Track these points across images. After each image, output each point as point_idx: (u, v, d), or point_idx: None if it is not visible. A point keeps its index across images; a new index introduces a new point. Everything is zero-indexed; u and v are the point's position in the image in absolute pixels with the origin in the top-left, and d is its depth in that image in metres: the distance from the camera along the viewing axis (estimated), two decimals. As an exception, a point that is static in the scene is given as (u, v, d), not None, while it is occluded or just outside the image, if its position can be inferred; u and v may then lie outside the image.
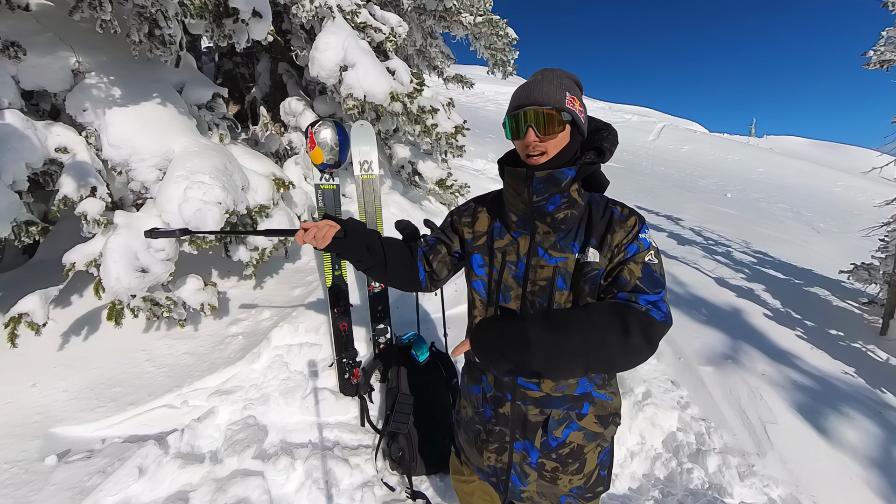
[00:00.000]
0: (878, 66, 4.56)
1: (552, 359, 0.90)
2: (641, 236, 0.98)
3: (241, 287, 3.13)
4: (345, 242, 1.09)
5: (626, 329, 0.89)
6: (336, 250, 1.10)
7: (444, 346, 2.47)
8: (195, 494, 1.84)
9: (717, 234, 7.18)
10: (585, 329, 0.90)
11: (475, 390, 1.16)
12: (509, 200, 1.05)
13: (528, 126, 0.95)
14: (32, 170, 2.26)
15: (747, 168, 18.72)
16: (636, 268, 0.96)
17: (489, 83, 12.84)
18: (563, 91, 0.95)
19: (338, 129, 2.32)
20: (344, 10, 3.49)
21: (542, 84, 0.96)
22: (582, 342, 0.89)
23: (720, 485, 2.15)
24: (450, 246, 1.19)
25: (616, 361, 0.93)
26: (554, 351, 0.89)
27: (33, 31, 2.51)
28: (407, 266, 1.19)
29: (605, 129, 1.04)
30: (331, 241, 1.08)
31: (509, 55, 5.84)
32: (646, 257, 0.97)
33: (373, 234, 1.15)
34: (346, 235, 1.09)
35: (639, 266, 0.96)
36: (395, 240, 1.23)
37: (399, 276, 1.19)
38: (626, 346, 0.90)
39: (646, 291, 0.94)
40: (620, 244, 0.98)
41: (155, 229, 1.20)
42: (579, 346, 0.89)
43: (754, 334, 3.62)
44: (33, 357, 2.43)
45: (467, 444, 1.21)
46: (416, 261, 1.20)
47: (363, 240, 1.12)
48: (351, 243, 1.10)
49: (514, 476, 1.10)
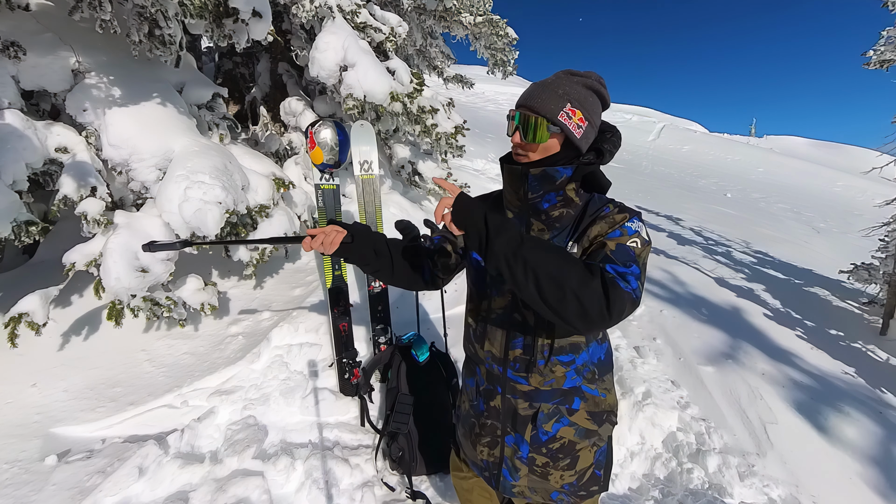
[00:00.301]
0: (878, 66, 4.56)
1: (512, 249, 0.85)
2: (627, 224, 0.95)
3: (241, 287, 3.13)
4: (352, 247, 1.09)
5: (589, 272, 0.85)
6: (344, 255, 1.10)
7: (444, 346, 2.47)
8: (195, 494, 1.84)
9: (717, 234, 7.18)
10: (554, 249, 0.89)
11: (470, 383, 1.20)
12: (507, 197, 1.08)
13: (517, 128, 0.98)
14: (32, 170, 2.26)
15: (747, 168, 18.72)
16: (611, 243, 0.92)
17: (489, 83, 12.84)
18: (562, 102, 0.94)
19: (338, 129, 2.32)
20: (344, 10, 3.49)
21: (545, 90, 0.96)
22: (544, 256, 0.86)
23: (720, 485, 2.15)
24: (454, 244, 1.21)
25: (568, 297, 0.83)
26: (515, 244, 0.86)
27: (33, 31, 2.51)
28: (413, 266, 1.20)
29: (608, 130, 1.04)
30: (338, 247, 1.08)
31: (509, 55, 5.84)
32: (627, 241, 0.92)
33: (379, 237, 1.16)
34: (353, 240, 1.09)
35: (614, 243, 0.92)
36: (400, 241, 1.24)
37: (405, 276, 1.19)
38: (582, 286, 0.83)
39: (615, 262, 0.89)
40: (601, 233, 0.96)
41: (153, 242, 1.14)
42: (541, 257, 0.85)
43: (754, 334, 3.63)
44: (33, 357, 2.43)
45: (464, 438, 1.23)
46: (422, 259, 1.21)
47: (370, 244, 1.12)
48: (358, 248, 1.10)
49: (505, 470, 1.12)
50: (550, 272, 0.84)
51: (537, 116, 0.94)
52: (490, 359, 1.11)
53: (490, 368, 1.11)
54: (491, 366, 1.11)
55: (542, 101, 0.95)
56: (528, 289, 0.86)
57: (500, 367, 1.09)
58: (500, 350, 1.08)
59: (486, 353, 1.11)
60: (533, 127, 0.95)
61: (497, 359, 1.09)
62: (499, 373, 1.09)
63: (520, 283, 0.86)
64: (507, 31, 5.53)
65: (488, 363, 1.11)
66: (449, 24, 5.22)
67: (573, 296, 0.83)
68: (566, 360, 1.04)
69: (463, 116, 4.46)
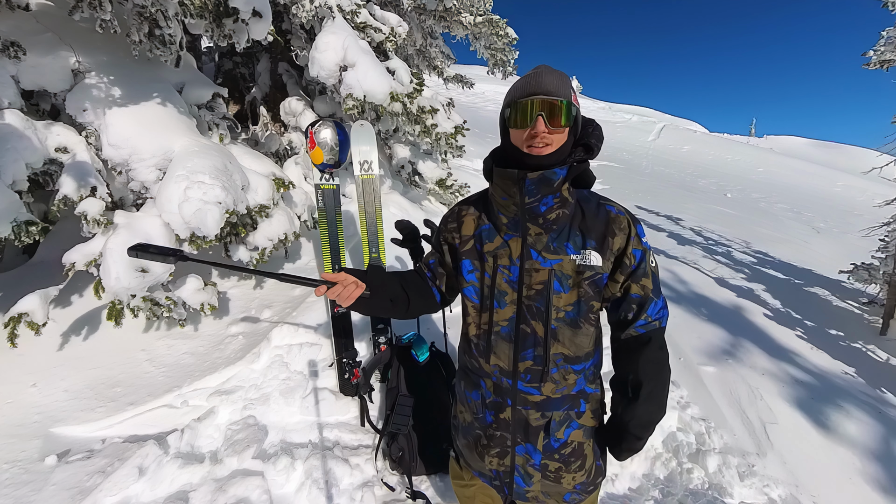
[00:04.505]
0: (878, 66, 4.56)
1: (660, 408, 1.06)
2: (644, 239, 1.01)
3: (241, 287, 3.13)
4: (369, 302, 1.08)
5: (666, 359, 1.06)
6: (360, 309, 1.09)
7: (444, 346, 2.47)
8: (195, 494, 1.84)
9: (717, 234, 7.18)
10: (657, 387, 1.05)
11: (474, 396, 1.13)
12: (499, 202, 1.02)
13: (539, 115, 0.90)
14: (32, 170, 2.26)
15: (747, 168, 18.72)
16: (647, 282, 1.01)
17: (489, 83, 12.83)
18: (569, 88, 0.94)
19: (338, 129, 2.32)
20: (344, 10, 3.49)
21: (552, 77, 0.93)
22: (661, 394, 1.06)
23: (720, 485, 2.15)
24: (444, 262, 1.17)
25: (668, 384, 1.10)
26: (656, 412, 1.06)
27: (33, 31, 2.51)
28: (424, 297, 1.19)
29: (589, 124, 1.02)
30: (356, 301, 1.06)
31: (509, 55, 5.84)
32: (651, 263, 1.02)
33: (394, 283, 1.15)
34: (371, 295, 1.07)
35: (649, 279, 1.01)
36: (409, 274, 1.23)
37: (419, 309, 1.20)
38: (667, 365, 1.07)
39: (655, 299, 1.02)
40: (624, 250, 0.98)
41: (140, 245, 1.03)
42: (661, 398, 1.07)
43: (754, 334, 3.63)
44: (33, 357, 2.43)
45: (467, 450, 1.19)
46: (430, 287, 1.21)
47: (387, 295, 1.12)
48: (376, 302, 1.10)
49: (517, 478, 1.10)
50: (665, 390, 1.07)
51: (559, 99, 0.90)
52: (498, 372, 1.06)
53: (498, 381, 1.06)
54: (500, 379, 1.06)
55: (556, 86, 0.91)
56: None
57: (509, 379, 1.04)
58: (509, 363, 1.04)
59: (494, 367, 1.06)
60: (558, 112, 0.90)
61: (506, 371, 1.05)
62: (508, 385, 1.05)
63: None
64: (507, 31, 5.53)
65: (496, 376, 1.06)
66: (449, 23, 5.23)
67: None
68: (579, 368, 1.04)
69: (463, 116, 4.46)
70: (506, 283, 1.02)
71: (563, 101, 0.91)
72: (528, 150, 0.94)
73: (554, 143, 0.93)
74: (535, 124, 0.91)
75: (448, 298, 1.23)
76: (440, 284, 1.19)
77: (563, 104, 0.91)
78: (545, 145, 0.92)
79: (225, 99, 3.40)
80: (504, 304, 1.03)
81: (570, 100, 0.92)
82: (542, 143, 0.92)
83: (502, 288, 1.02)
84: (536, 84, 0.92)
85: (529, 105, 0.91)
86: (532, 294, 1.00)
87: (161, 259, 1.03)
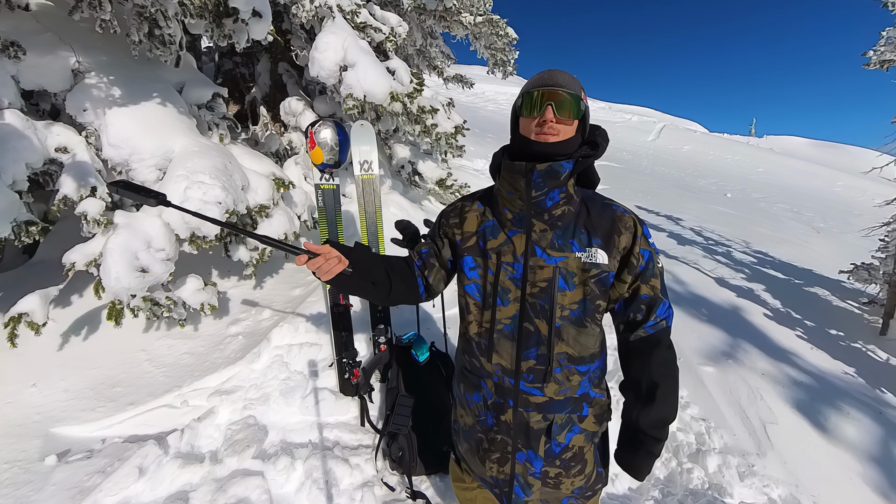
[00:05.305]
0: (878, 66, 4.56)
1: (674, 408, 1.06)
2: (651, 240, 1.02)
3: (241, 287, 3.13)
4: (349, 279, 1.04)
5: (675, 358, 1.06)
6: (338, 286, 1.05)
7: (444, 346, 2.47)
8: (195, 494, 1.84)
9: (717, 234, 7.18)
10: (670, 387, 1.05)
11: (475, 398, 1.11)
12: (505, 196, 1.02)
13: (549, 104, 0.93)
14: (32, 170, 2.26)
15: (747, 168, 18.72)
16: (656, 282, 1.02)
17: (489, 83, 12.85)
18: (579, 87, 0.97)
19: (338, 129, 2.32)
20: (344, 10, 3.49)
21: (565, 75, 0.96)
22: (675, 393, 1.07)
23: (720, 485, 2.15)
24: (440, 255, 1.15)
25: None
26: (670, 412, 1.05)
27: (33, 31, 2.51)
28: (407, 285, 1.15)
29: (596, 129, 1.05)
30: (336, 276, 1.02)
31: (509, 55, 5.85)
32: (658, 263, 1.03)
33: (378, 265, 1.11)
34: (352, 272, 1.03)
35: (657, 279, 1.02)
36: (395, 259, 1.18)
37: (400, 297, 1.16)
38: (676, 364, 1.07)
39: (663, 299, 1.03)
40: (631, 249, 0.99)
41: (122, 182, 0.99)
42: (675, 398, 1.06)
43: (754, 334, 3.63)
44: (33, 357, 2.43)
45: (469, 454, 1.17)
46: (416, 277, 1.17)
47: (369, 276, 1.08)
48: (356, 281, 1.06)
49: (517, 488, 1.09)
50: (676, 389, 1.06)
51: (569, 93, 0.94)
52: (500, 371, 1.04)
53: (500, 381, 1.05)
54: (501, 378, 1.04)
55: (568, 83, 0.95)
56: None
57: (511, 379, 1.03)
58: (511, 362, 1.03)
59: (495, 366, 1.05)
60: (566, 104, 0.94)
61: (508, 371, 1.03)
62: (510, 385, 1.03)
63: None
64: (507, 30, 5.53)
65: (497, 376, 1.05)
66: (449, 23, 5.23)
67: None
68: (583, 369, 1.03)
69: (463, 116, 4.46)
70: (509, 280, 1.01)
71: (573, 94, 0.94)
72: (536, 137, 0.96)
73: (561, 133, 0.95)
74: (545, 112, 0.94)
75: (433, 291, 1.19)
76: (428, 275, 1.16)
77: (572, 97, 0.94)
78: (553, 134, 0.94)
79: (225, 99, 3.39)
80: (507, 301, 1.02)
81: (579, 96, 0.95)
82: (550, 131, 0.94)
83: (506, 285, 1.02)
84: (549, 77, 0.96)
85: (540, 94, 0.95)
86: (536, 291, 0.99)
87: (142, 199, 0.98)
